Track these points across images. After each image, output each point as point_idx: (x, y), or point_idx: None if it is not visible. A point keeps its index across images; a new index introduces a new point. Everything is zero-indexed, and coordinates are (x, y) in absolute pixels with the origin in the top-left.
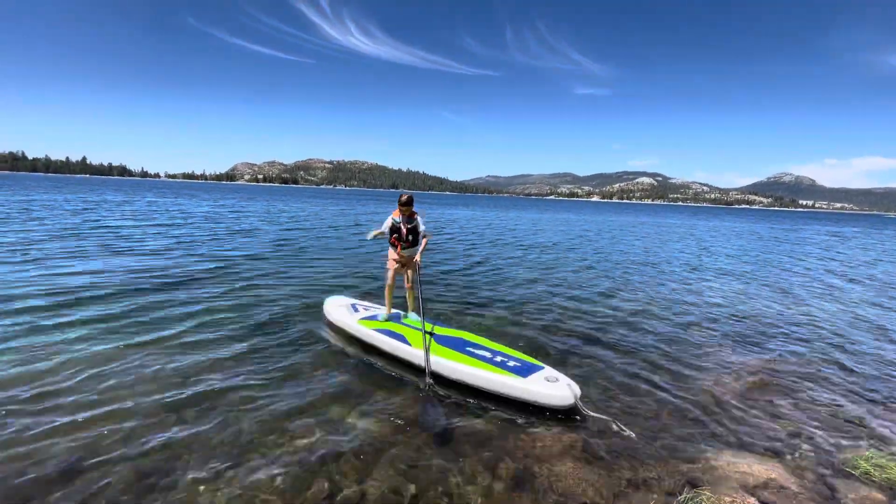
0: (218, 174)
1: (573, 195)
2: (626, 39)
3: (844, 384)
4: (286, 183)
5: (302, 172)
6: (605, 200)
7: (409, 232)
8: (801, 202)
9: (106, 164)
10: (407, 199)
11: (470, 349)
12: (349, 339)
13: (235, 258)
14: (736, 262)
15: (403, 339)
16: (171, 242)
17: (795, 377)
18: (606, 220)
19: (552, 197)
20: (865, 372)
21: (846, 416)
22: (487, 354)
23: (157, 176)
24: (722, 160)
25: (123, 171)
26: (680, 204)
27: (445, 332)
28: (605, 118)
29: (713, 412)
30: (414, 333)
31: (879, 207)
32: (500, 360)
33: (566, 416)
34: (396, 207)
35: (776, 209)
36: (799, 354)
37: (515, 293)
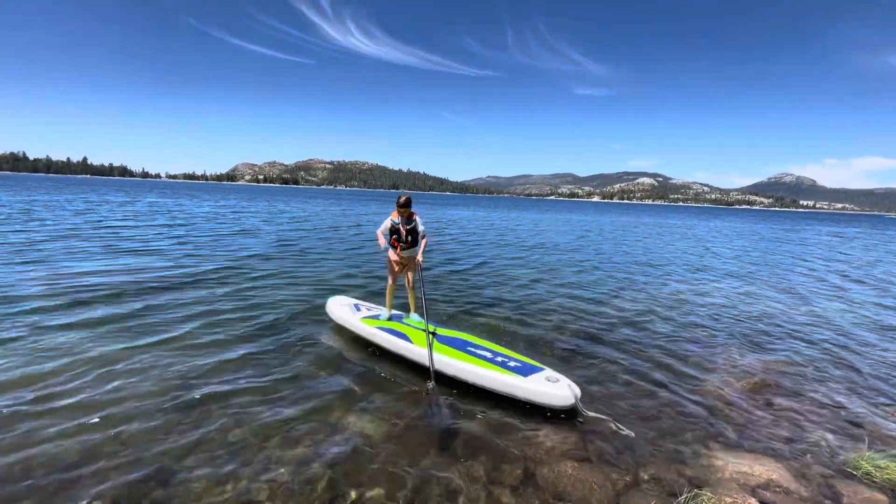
0: (218, 175)
1: (574, 195)
2: (626, 39)
3: (846, 385)
4: (287, 183)
5: (302, 173)
6: (605, 201)
7: (408, 233)
8: (801, 203)
9: (107, 164)
10: (405, 200)
11: (471, 349)
12: (352, 339)
13: (237, 259)
14: (738, 262)
15: (406, 337)
16: (173, 243)
17: (796, 377)
18: (608, 220)
19: (553, 197)
20: (867, 372)
21: (847, 416)
22: (488, 355)
23: (157, 176)
24: (722, 160)
25: (124, 171)
26: (681, 204)
27: (447, 332)
28: (605, 118)
29: (714, 412)
30: (416, 333)
31: (880, 208)
32: (500, 360)
33: (566, 416)
34: (395, 209)
35: (777, 209)
36: (800, 354)
37: (518, 294)
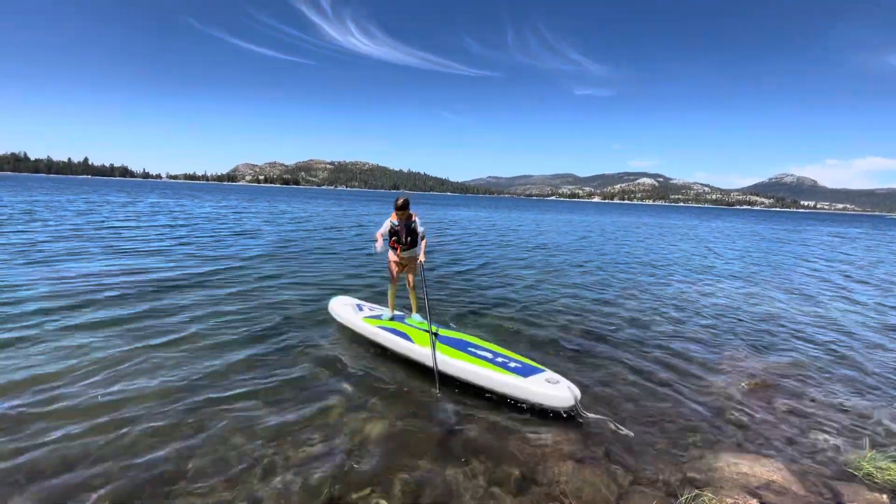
0: (219, 175)
1: (574, 196)
2: (626, 39)
3: (848, 385)
4: (287, 184)
5: (303, 173)
6: (606, 201)
7: (407, 234)
8: (802, 203)
9: (108, 164)
10: (403, 202)
11: (472, 349)
12: (354, 340)
13: (240, 259)
14: (740, 262)
15: (408, 337)
16: (175, 244)
17: (797, 378)
18: (609, 221)
19: (553, 198)
20: (869, 373)
21: (849, 417)
22: (489, 355)
23: (158, 177)
24: (723, 161)
25: (125, 171)
26: (681, 205)
27: (448, 333)
28: (605, 118)
29: (714, 413)
30: (418, 333)
31: (881, 208)
32: (501, 360)
33: (566, 417)
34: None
35: (778, 210)
36: (803, 355)
37: (522, 294)
